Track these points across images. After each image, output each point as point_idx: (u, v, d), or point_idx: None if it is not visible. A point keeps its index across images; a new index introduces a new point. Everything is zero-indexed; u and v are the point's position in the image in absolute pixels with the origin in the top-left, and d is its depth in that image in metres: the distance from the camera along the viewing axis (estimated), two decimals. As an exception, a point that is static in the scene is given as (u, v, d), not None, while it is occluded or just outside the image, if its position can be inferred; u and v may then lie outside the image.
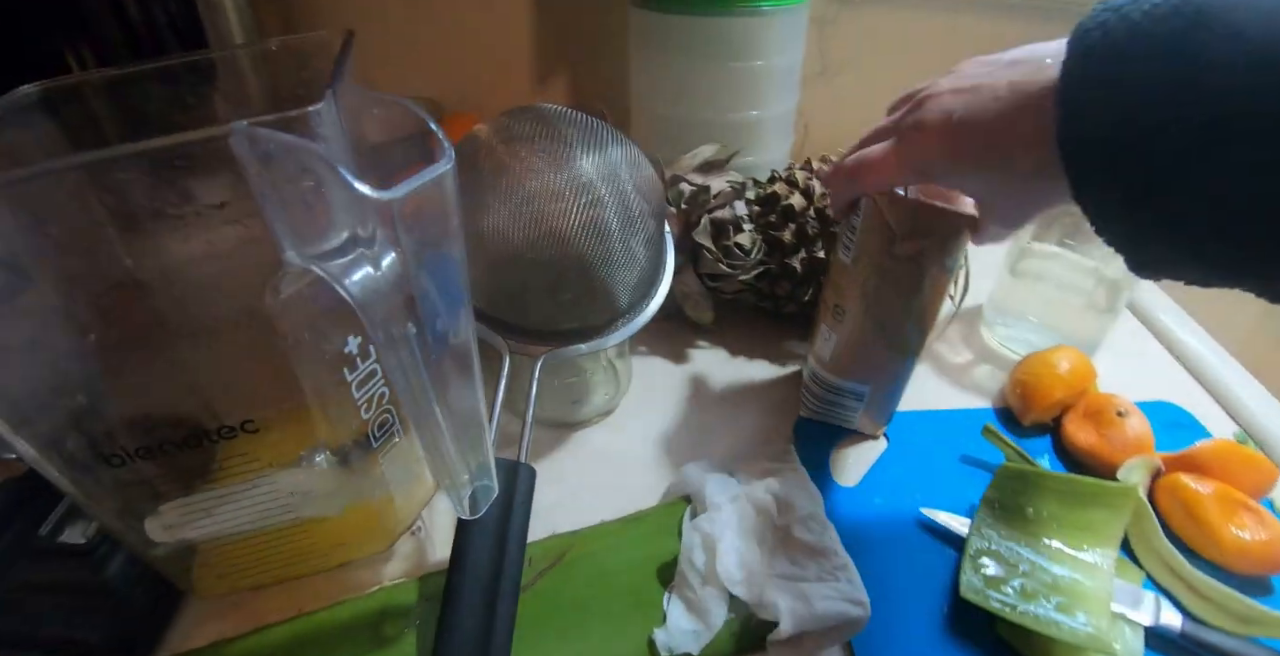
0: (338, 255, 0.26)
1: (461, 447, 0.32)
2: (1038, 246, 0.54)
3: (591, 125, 0.42)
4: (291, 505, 0.36)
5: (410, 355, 0.27)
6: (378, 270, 0.26)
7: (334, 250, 0.26)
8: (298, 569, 0.39)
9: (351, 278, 0.25)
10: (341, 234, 0.26)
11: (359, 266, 0.25)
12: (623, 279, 0.42)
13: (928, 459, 0.47)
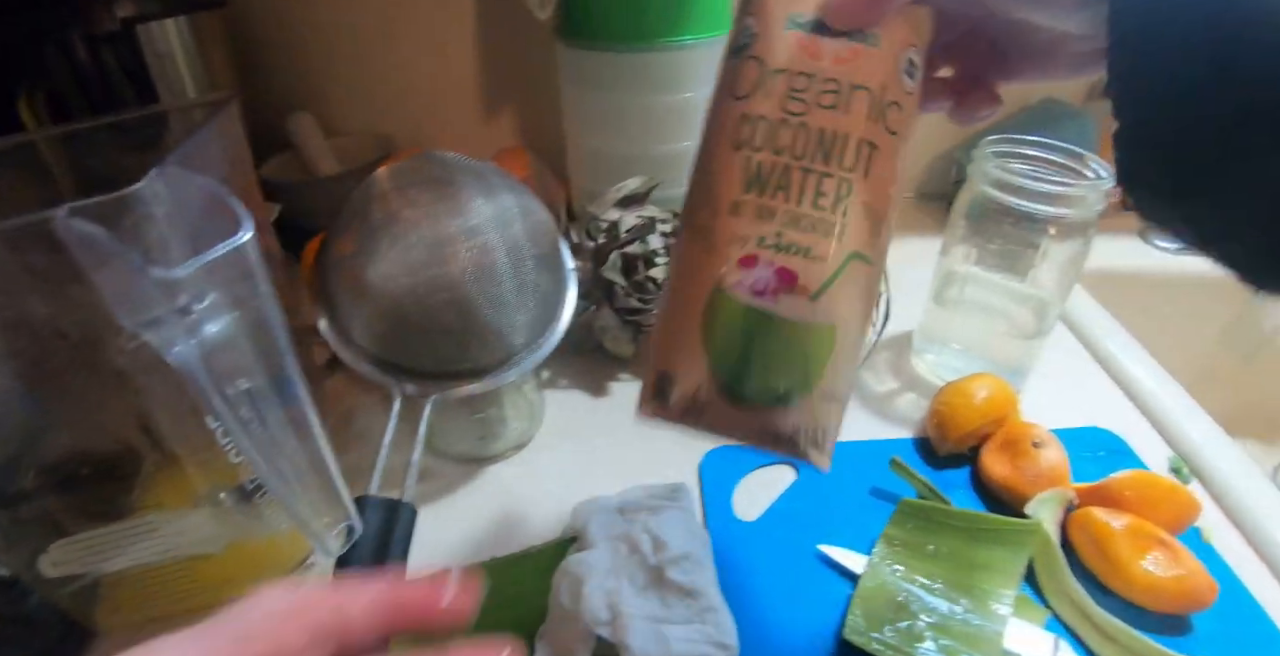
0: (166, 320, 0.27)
1: (310, 494, 0.32)
2: (963, 270, 0.53)
3: (483, 172, 0.43)
4: (171, 545, 0.37)
5: (241, 412, 0.28)
6: (196, 337, 0.26)
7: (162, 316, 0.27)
8: (189, 604, 0.40)
9: (173, 344, 0.26)
10: (171, 301, 0.27)
11: (179, 332, 0.26)
12: (514, 320, 0.42)
13: (836, 492, 0.47)
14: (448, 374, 0.43)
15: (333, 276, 0.43)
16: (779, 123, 0.24)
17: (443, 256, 0.40)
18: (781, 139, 0.24)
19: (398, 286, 0.40)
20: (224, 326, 0.28)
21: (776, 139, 0.24)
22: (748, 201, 0.24)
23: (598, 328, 0.53)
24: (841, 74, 0.24)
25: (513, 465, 0.49)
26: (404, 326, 0.41)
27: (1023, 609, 0.40)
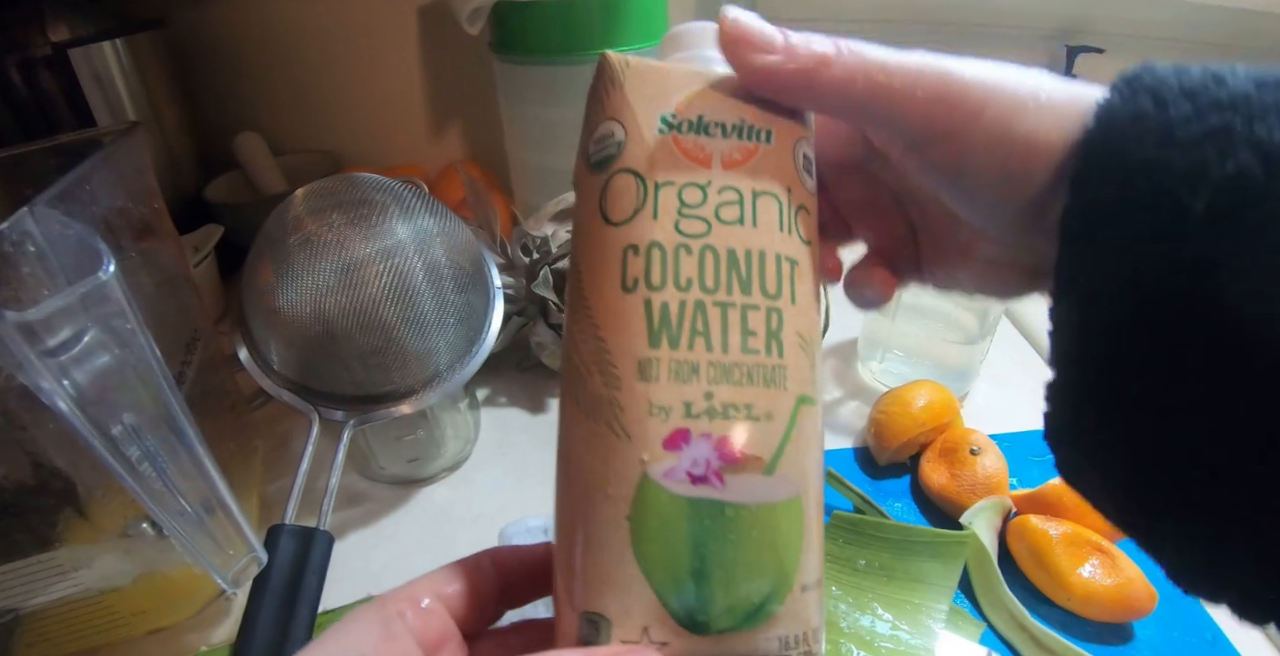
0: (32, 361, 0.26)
1: (211, 527, 0.32)
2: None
3: (401, 193, 0.42)
4: (79, 581, 0.36)
5: (128, 450, 0.27)
6: (69, 377, 0.26)
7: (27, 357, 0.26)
8: (106, 637, 0.39)
9: (42, 384, 0.25)
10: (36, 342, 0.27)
11: (49, 372, 0.26)
12: (435, 341, 0.42)
13: (773, 506, 0.46)
14: (370, 398, 0.42)
15: (249, 302, 0.42)
16: (677, 249, 0.19)
17: (356, 280, 0.39)
18: (685, 269, 0.18)
19: (310, 311, 0.39)
20: (102, 364, 0.27)
21: (679, 271, 0.18)
22: (659, 358, 0.18)
23: (534, 344, 0.52)
24: (739, 180, 0.19)
25: (446, 486, 0.49)
26: (318, 352, 0.40)
27: (957, 622, 0.40)
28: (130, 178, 0.36)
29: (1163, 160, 0.16)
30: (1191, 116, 0.16)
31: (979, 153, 0.19)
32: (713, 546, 0.17)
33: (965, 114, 0.19)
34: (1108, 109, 0.17)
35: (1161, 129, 0.16)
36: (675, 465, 0.17)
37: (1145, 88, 0.17)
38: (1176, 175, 0.16)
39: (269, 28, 0.75)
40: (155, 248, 0.38)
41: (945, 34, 0.77)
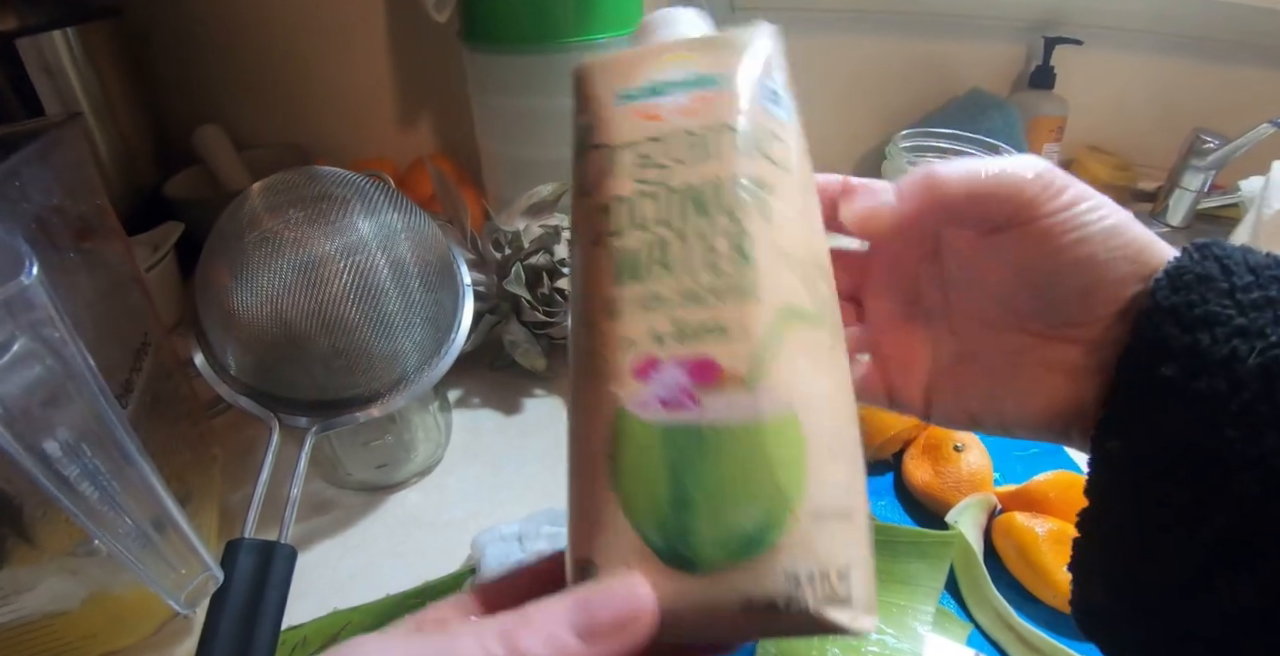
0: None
1: (161, 546, 0.30)
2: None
3: (364, 188, 0.41)
4: (22, 604, 0.34)
5: (62, 468, 0.25)
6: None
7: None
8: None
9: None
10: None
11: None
12: (402, 341, 0.40)
13: (755, 507, 0.45)
14: (334, 402, 0.40)
15: (202, 304, 0.40)
16: (638, 197, 0.19)
17: (316, 279, 0.38)
18: (645, 212, 0.19)
19: (268, 313, 0.37)
20: (32, 376, 0.25)
21: (639, 214, 0.19)
22: (623, 295, 0.18)
23: (507, 342, 0.51)
24: (694, 123, 0.19)
25: (417, 491, 0.47)
26: (277, 355, 0.38)
27: (944, 623, 0.39)
28: (68, 172, 0.34)
29: (1224, 316, 0.18)
30: (1253, 285, 0.18)
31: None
32: (691, 472, 0.16)
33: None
34: (1178, 267, 0.20)
35: (1225, 291, 0.19)
36: (647, 393, 0.17)
37: (1213, 255, 0.19)
38: (1234, 328, 0.18)
39: (230, 16, 0.72)
40: (99, 247, 0.36)
41: (924, 26, 0.76)
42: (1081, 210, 0.21)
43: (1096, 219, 0.21)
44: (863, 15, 0.74)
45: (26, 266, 0.23)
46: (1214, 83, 0.81)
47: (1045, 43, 0.75)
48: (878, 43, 0.76)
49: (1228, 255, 0.19)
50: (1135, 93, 0.82)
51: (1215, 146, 0.72)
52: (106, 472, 0.27)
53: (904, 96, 0.80)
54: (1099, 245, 0.21)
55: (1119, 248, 0.20)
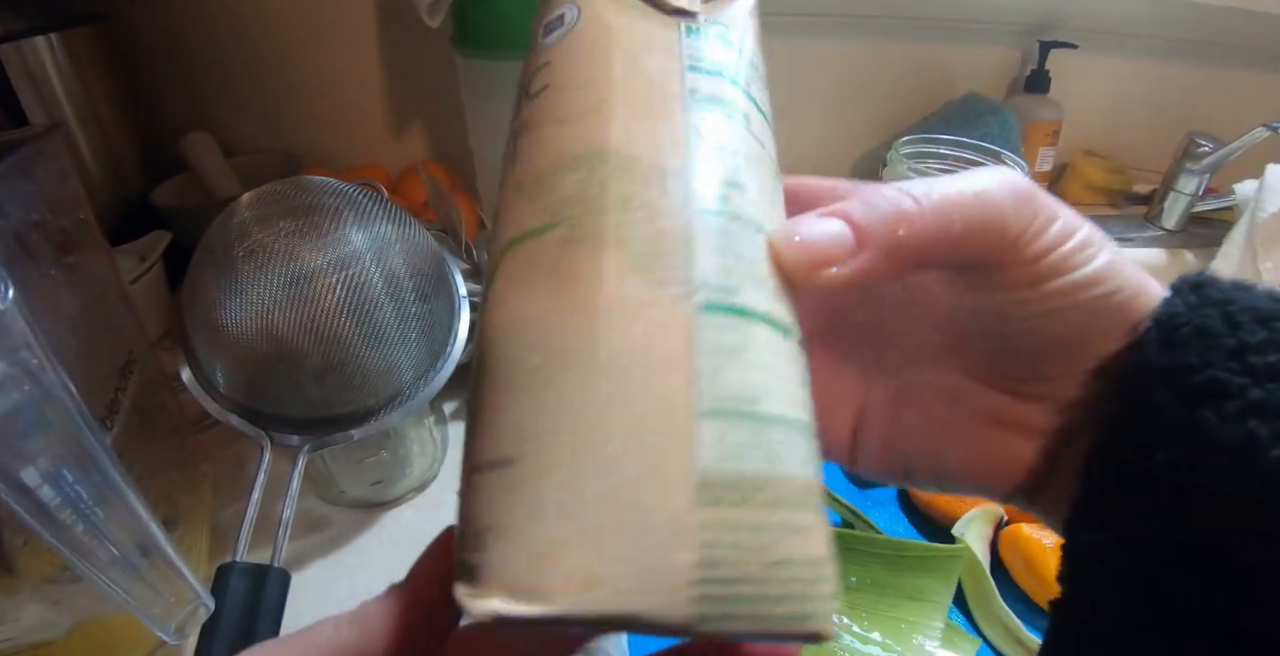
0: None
1: (147, 574, 0.29)
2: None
3: (357, 198, 0.40)
4: (6, 635, 0.32)
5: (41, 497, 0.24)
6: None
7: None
8: (40, 697, 0.35)
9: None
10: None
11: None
12: (397, 355, 0.39)
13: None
14: (327, 420, 0.39)
15: (190, 319, 0.39)
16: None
17: (308, 293, 0.36)
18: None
19: (258, 328, 0.36)
20: (9, 403, 0.24)
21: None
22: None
23: (504, 355, 0.50)
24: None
25: (413, 508, 0.46)
26: (268, 372, 0.37)
27: (953, 638, 0.38)
28: (49, 186, 0.33)
29: (1234, 387, 0.14)
30: (1267, 344, 0.15)
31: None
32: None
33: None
34: (1169, 313, 0.16)
35: (1232, 350, 0.15)
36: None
37: (1212, 301, 0.16)
38: (1249, 403, 0.14)
39: (219, 21, 0.71)
40: (82, 262, 0.35)
41: (920, 30, 0.76)
42: (1068, 250, 0.17)
43: (1084, 260, 0.17)
44: (859, 19, 0.73)
45: (2, 290, 0.22)
46: (1208, 86, 0.81)
47: (1040, 47, 0.75)
48: (874, 47, 0.76)
49: (1229, 300, 0.16)
50: (1130, 96, 0.82)
51: (1210, 150, 0.72)
52: (89, 500, 0.26)
53: (900, 100, 0.80)
54: (1083, 292, 0.17)
55: (1107, 294, 0.17)
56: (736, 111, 0.17)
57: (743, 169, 0.16)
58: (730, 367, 0.13)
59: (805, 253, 0.15)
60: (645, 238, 0.14)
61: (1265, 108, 0.76)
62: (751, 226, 0.15)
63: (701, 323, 0.13)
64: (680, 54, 0.17)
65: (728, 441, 0.12)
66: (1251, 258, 0.69)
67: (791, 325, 0.15)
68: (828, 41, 0.75)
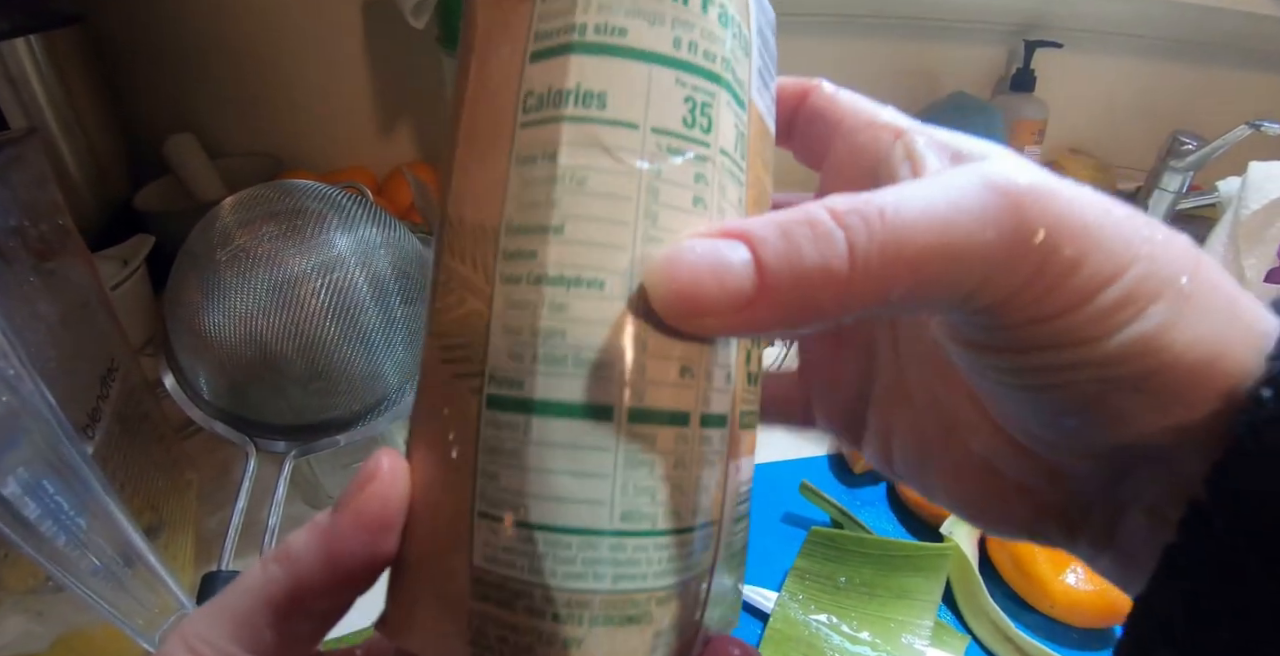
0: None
1: (130, 585, 0.28)
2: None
3: (341, 201, 0.39)
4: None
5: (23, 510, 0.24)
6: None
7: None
8: (25, 709, 0.35)
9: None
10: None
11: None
12: (383, 360, 0.39)
13: (748, 522, 0.44)
14: (313, 425, 0.39)
15: (173, 325, 0.38)
16: None
17: (292, 298, 0.36)
18: None
19: (242, 334, 0.36)
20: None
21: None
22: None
23: (493, 358, 0.50)
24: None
25: (402, 514, 0.45)
26: (252, 378, 0.37)
27: (942, 636, 0.38)
28: (27, 192, 0.32)
29: None
30: None
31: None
32: None
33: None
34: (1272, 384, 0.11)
35: None
36: None
37: None
38: None
39: (202, 21, 0.70)
40: (63, 267, 0.34)
41: (907, 29, 0.76)
42: (1097, 311, 0.12)
43: (1122, 321, 0.12)
44: (848, 19, 0.74)
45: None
46: (1192, 85, 0.82)
47: (1026, 46, 0.75)
48: (862, 46, 0.76)
49: None
50: (1114, 95, 0.83)
51: (1193, 148, 0.73)
52: (70, 510, 0.26)
53: (888, 99, 0.78)
54: (1115, 368, 0.12)
55: (1153, 372, 0.12)
56: (583, 97, 0.13)
57: (559, 199, 0.13)
58: (504, 471, 0.13)
59: (677, 293, 0.12)
60: (453, 322, 0.13)
61: (1247, 105, 0.76)
62: (579, 285, 0.13)
63: (485, 417, 0.13)
64: (527, 36, 0.13)
65: (495, 544, 0.13)
66: (1234, 254, 0.70)
67: (666, 407, 0.13)
68: (816, 41, 0.76)
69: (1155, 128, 0.78)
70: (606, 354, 0.12)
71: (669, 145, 0.13)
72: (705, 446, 0.13)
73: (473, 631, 0.13)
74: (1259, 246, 0.70)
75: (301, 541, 0.14)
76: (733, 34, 0.14)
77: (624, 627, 0.13)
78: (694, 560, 0.14)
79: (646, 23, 0.13)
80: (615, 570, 0.13)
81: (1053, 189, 0.12)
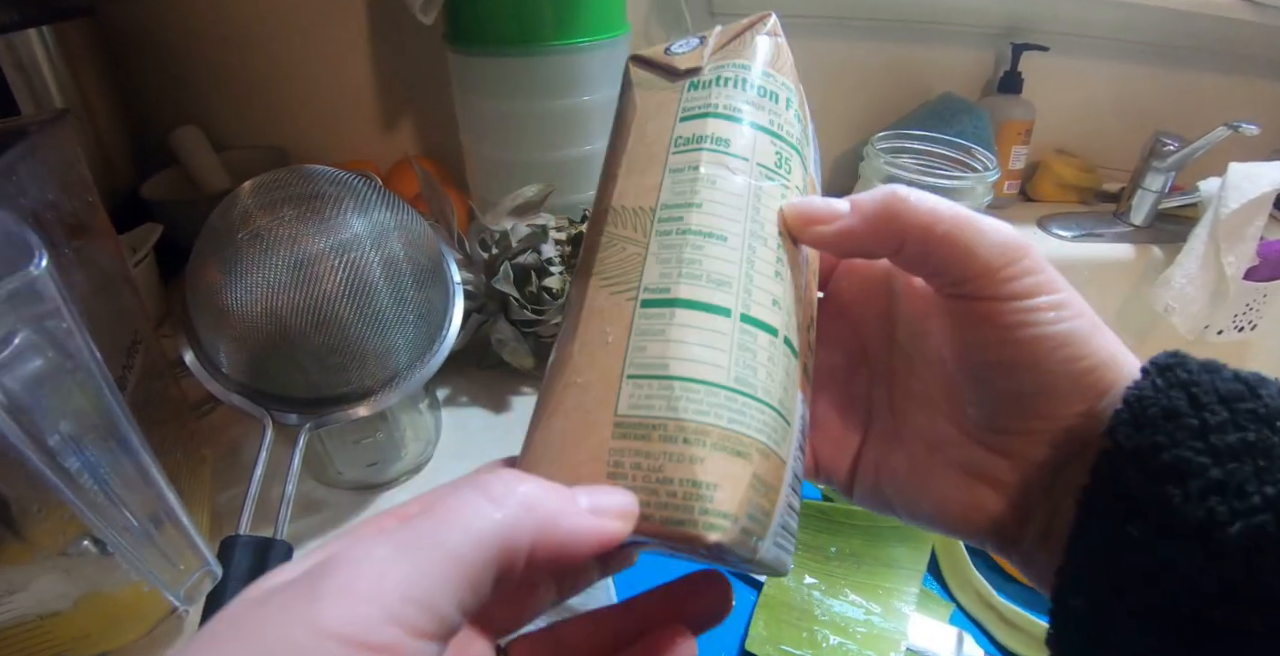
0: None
1: (160, 541, 0.30)
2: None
3: (356, 186, 0.41)
4: (11, 603, 0.33)
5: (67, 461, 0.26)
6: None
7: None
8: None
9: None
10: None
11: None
12: (394, 339, 0.40)
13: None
14: (326, 399, 0.40)
15: (193, 302, 0.40)
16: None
17: (310, 276, 0.38)
18: None
19: (261, 310, 0.37)
20: (35, 369, 0.25)
21: None
22: None
23: (495, 341, 0.51)
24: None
25: (407, 490, 0.47)
26: (270, 353, 0.38)
27: (927, 603, 0.40)
28: (61, 169, 0.34)
29: (1197, 465, 0.16)
30: (1228, 423, 0.16)
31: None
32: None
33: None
34: (1139, 397, 0.17)
35: (1195, 430, 0.16)
36: None
37: (1179, 383, 0.17)
38: (1209, 482, 0.15)
39: (209, 14, 0.72)
40: (90, 245, 0.36)
41: (897, 32, 0.78)
42: (1036, 305, 0.18)
43: (1050, 319, 0.18)
44: (838, 22, 0.76)
45: (36, 256, 0.23)
46: (1173, 87, 0.84)
47: (1013, 49, 0.77)
48: (853, 48, 0.78)
49: (1195, 381, 0.17)
50: (1099, 97, 0.85)
51: (1175, 148, 0.75)
52: (108, 466, 0.27)
53: (878, 100, 0.82)
54: (1047, 351, 0.18)
55: (1070, 360, 0.18)
56: (717, 140, 0.21)
57: (700, 190, 0.20)
58: (652, 344, 0.18)
59: (800, 211, 0.20)
60: (614, 263, 0.20)
61: (1226, 107, 0.79)
62: (711, 236, 0.19)
63: (638, 314, 0.19)
64: (677, 109, 0.22)
65: (639, 395, 0.18)
66: (1215, 252, 0.72)
67: (764, 320, 0.19)
68: (807, 43, 0.78)
69: (1138, 129, 0.80)
70: (728, 276, 0.19)
71: (765, 173, 0.21)
72: (784, 360, 0.19)
73: (610, 465, 0.17)
74: (1239, 244, 0.73)
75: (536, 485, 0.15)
76: (801, 128, 0.23)
77: (733, 457, 0.17)
78: (780, 438, 0.18)
79: (754, 108, 0.21)
80: (730, 414, 0.17)
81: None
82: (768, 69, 0.22)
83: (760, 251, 0.19)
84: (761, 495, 0.17)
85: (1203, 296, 0.74)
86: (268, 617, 0.12)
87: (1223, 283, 0.73)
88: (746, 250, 0.19)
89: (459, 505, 0.14)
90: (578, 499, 0.16)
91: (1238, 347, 0.81)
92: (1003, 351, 0.19)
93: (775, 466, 0.18)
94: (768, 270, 0.19)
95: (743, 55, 0.22)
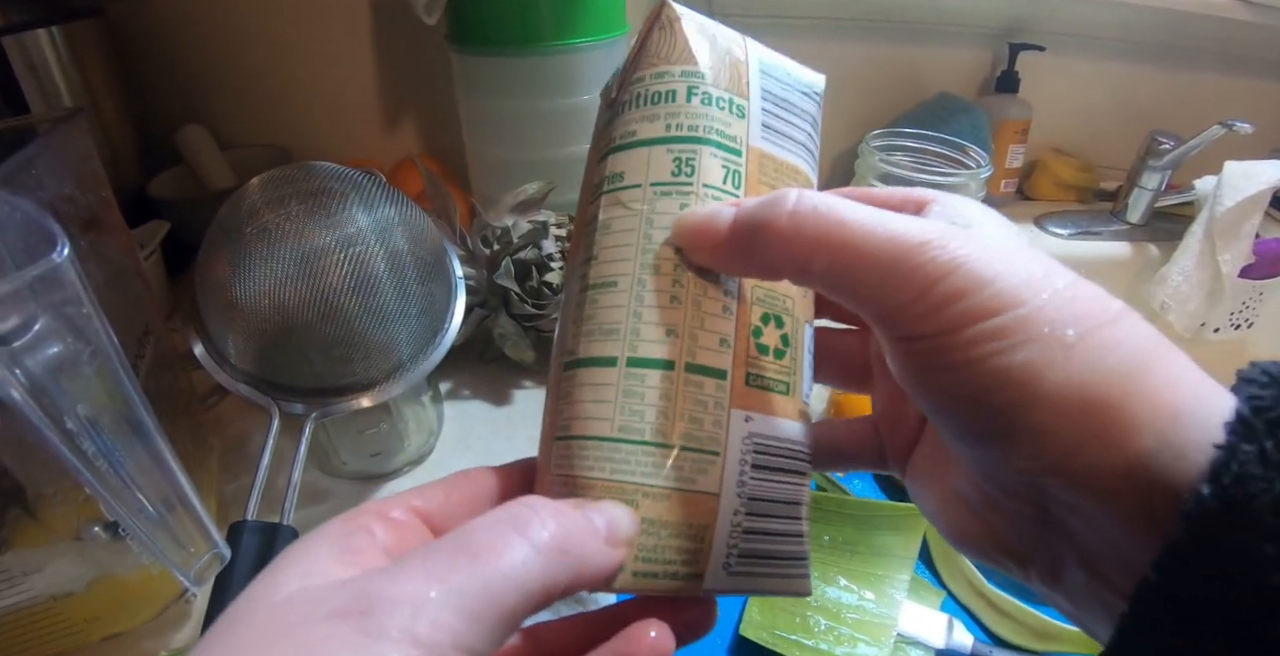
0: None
1: (172, 524, 0.31)
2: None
3: (361, 182, 0.42)
4: (29, 586, 0.34)
5: (83, 445, 0.26)
6: (19, 365, 0.25)
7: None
8: (59, 645, 0.38)
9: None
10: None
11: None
12: (397, 332, 0.41)
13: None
14: (332, 390, 0.41)
15: (203, 295, 0.41)
16: None
17: (316, 269, 0.39)
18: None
19: (269, 303, 0.38)
20: (54, 353, 0.26)
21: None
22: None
23: (497, 335, 0.52)
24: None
25: (409, 480, 0.48)
26: (277, 344, 0.39)
27: (919, 591, 0.41)
28: (75, 165, 0.35)
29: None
30: None
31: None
32: None
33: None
34: (1230, 454, 0.12)
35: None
36: None
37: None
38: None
39: (214, 16, 0.73)
40: (103, 239, 0.37)
41: (895, 32, 0.79)
42: (971, 337, 0.14)
43: (990, 352, 0.14)
44: (836, 22, 0.77)
45: (59, 244, 0.24)
46: (1170, 87, 0.85)
47: (1010, 49, 0.78)
48: (851, 48, 0.79)
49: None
50: (1095, 96, 0.86)
51: (1171, 147, 0.76)
52: (123, 450, 0.28)
53: (876, 100, 0.83)
54: (985, 393, 0.14)
55: (1010, 406, 0.14)
56: (613, 178, 0.20)
57: (596, 240, 0.20)
58: (564, 406, 0.19)
59: (681, 231, 0.19)
60: (558, 329, 0.21)
61: (1222, 106, 0.80)
62: (603, 287, 0.19)
63: (561, 377, 0.20)
64: (598, 156, 0.21)
65: (558, 455, 0.19)
66: (1210, 250, 0.73)
67: (653, 357, 0.18)
68: (804, 44, 0.78)
69: (1134, 128, 0.81)
70: (614, 323, 0.19)
71: (660, 191, 0.19)
72: (693, 388, 0.18)
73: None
74: (1234, 242, 0.73)
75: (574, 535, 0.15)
76: (719, 108, 0.20)
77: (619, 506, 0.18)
78: (692, 473, 0.18)
79: (647, 121, 0.20)
80: (612, 465, 0.18)
81: (967, 237, 0.15)
82: (659, 68, 0.20)
83: (651, 283, 0.18)
84: (664, 536, 0.17)
85: (1199, 294, 0.74)
86: (324, 648, 0.12)
87: (1219, 280, 0.73)
88: (636, 287, 0.19)
89: (502, 546, 0.14)
90: (595, 523, 0.16)
91: (1234, 346, 0.81)
92: (945, 401, 0.15)
93: (686, 501, 0.18)
94: (661, 301, 0.18)
95: (640, 66, 0.21)
